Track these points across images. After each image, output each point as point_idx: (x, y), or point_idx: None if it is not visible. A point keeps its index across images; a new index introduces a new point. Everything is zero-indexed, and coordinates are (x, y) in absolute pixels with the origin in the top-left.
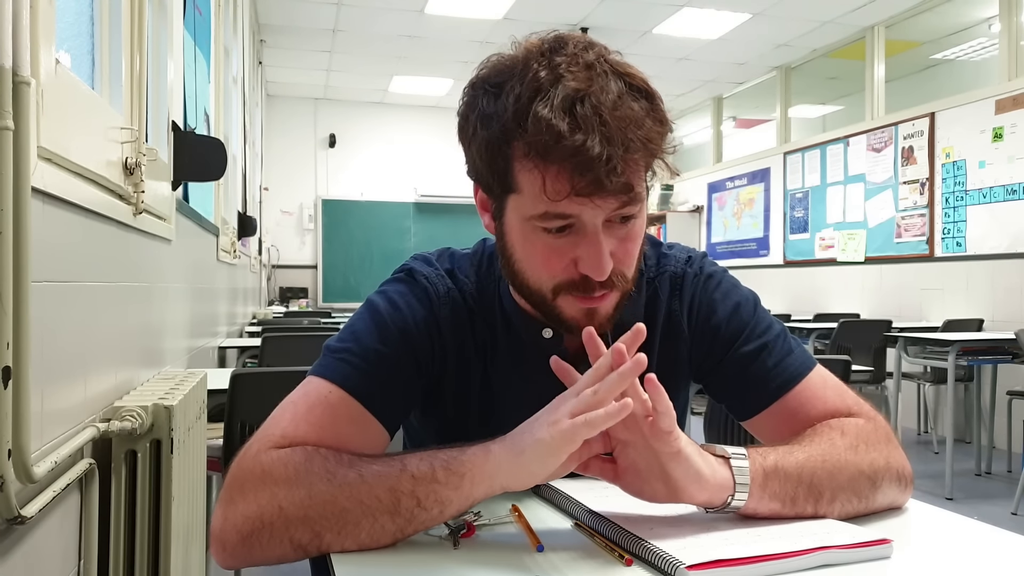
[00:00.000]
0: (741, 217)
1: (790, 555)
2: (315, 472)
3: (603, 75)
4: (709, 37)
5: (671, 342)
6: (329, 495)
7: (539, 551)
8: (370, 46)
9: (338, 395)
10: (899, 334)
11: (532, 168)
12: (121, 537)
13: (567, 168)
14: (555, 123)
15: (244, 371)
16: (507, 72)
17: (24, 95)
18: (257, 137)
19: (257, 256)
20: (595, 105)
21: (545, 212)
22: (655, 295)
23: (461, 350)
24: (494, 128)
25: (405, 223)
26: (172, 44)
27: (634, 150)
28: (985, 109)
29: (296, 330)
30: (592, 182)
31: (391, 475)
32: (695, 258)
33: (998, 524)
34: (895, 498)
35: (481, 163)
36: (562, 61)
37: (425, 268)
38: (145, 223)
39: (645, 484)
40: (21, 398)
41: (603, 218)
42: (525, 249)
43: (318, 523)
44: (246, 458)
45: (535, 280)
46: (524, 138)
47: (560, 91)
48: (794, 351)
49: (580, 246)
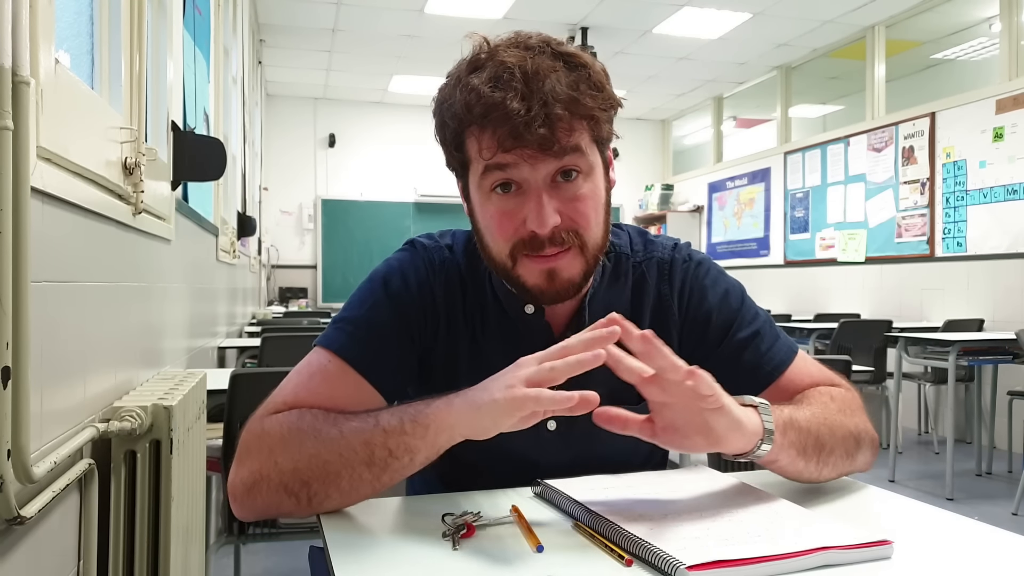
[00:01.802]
0: (741, 217)
1: (790, 555)
2: (304, 430)
3: (540, 54)
4: (709, 37)
5: (661, 324)
6: (314, 450)
7: (539, 551)
8: (370, 46)
9: (336, 364)
10: (899, 334)
11: (473, 138)
12: (121, 537)
13: (491, 124)
14: (480, 87)
15: (244, 371)
16: (461, 65)
17: (24, 95)
18: (257, 137)
19: (256, 256)
20: (521, 73)
21: (484, 169)
22: (643, 278)
23: (452, 317)
24: (446, 111)
25: (405, 223)
26: (172, 44)
27: (553, 106)
28: (985, 109)
29: (296, 330)
30: (511, 134)
31: (366, 429)
32: (681, 246)
33: (998, 524)
34: (868, 460)
35: (444, 148)
36: (503, 44)
37: (427, 240)
38: (145, 223)
39: (685, 439)
40: (21, 398)
41: (543, 176)
42: (484, 217)
43: (305, 473)
44: (253, 422)
45: (496, 249)
46: (463, 110)
47: (491, 65)
48: (780, 336)
49: (526, 205)
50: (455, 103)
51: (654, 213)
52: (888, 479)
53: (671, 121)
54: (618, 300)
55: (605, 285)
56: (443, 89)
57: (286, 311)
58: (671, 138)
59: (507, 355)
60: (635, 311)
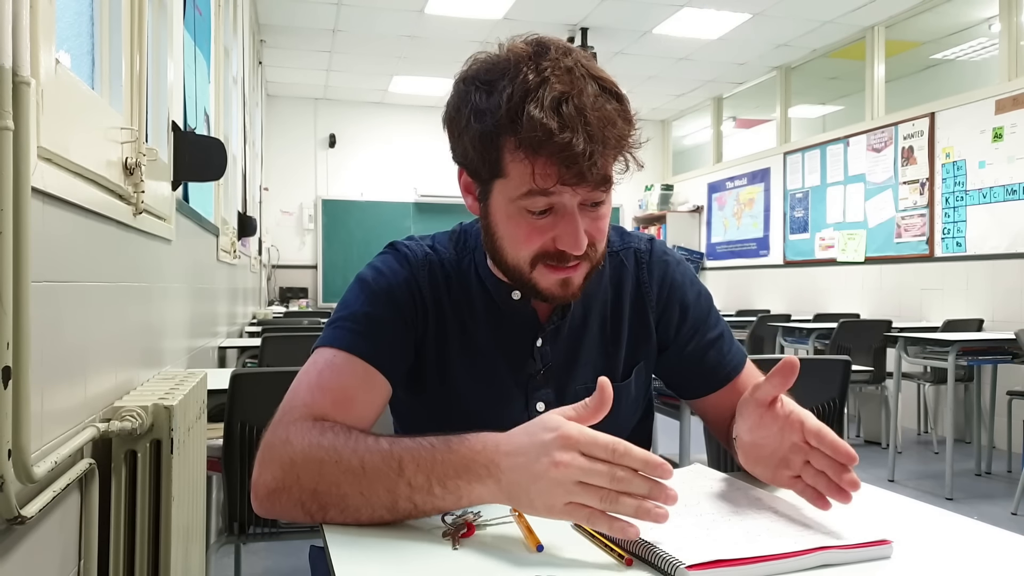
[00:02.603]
0: (741, 217)
1: (790, 555)
2: (325, 449)
3: (581, 78)
4: (709, 37)
5: (639, 310)
6: (334, 479)
7: (539, 551)
8: (370, 46)
9: (342, 357)
10: (899, 334)
11: (523, 159)
12: (121, 537)
13: (555, 161)
14: (546, 122)
15: (244, 371)
16: (497, 72)
17: (24, 95)
18: (257, 137)
19: (257, 256)
20: (578, 106)
21: (529, 192)
22: (621, 265)
23: (439, 306)
24: (487, 122)
25: (405, 223)
26: (172, 44)
27: (610, 147)
28: (985, 109)
29: (296, 330)
30: (576, 174)
31: (389, 477)
32: (657, 241)
33: (998, 524)
34: None
35: (473, 152)
36: (548, 65)
37: (406, 241)
38: (145, 223)
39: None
40: (21, 398)
41: (579, 201)
42: (508, 227)
43: (324, 499)
44: (278, 427)
45: (514, 254)
46: (517, 134)
47: (548, 93)
48: (735, 342)
49: (559, 226)
50: (500, 116)
51: (654, 213)
52: (887, 479)
53: (671, 121)
54: (599, 290)
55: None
56: (474, 91)
57: (286, 311)
58: (671, 138)
59: (495, 338)
60: (615, 297)
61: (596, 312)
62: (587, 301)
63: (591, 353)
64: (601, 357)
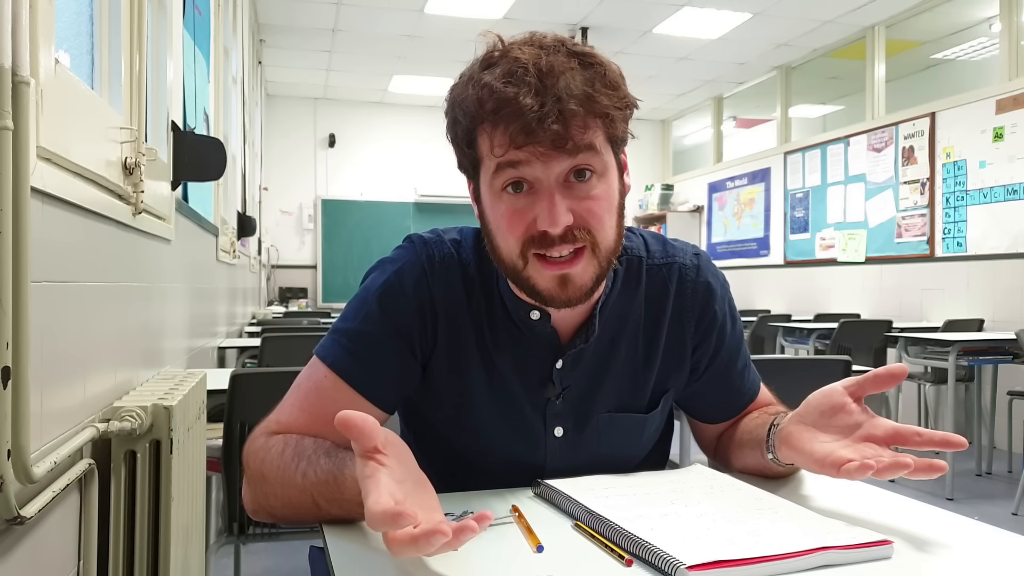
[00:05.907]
0: (741, 217)
1: (790, 555)
2: (283, 467)
3: (555, 52)
4: (709, 37)
5: (679, 333)
6: (286, 498)
7: (539, 551)
8: (370, 46)
9: (332, 380)
10: (899, 334)
11: (485, 135)
12: (121, 537)
13: (503, 120)
14: (492, 83)
15: (244, 371)
16: (472, 62)
17: (24, 95)
18: (256, 137)
19: (256, 256)
20: (535, 69)
21: (496, 168)
22: (662, 285)
23: (454, 315)
24: (457, 110)
25: (405, 223)
26: (172, 44)
27: (567, 103)
28: (985, 109)
29: (296, 330)
30: (523, 130)
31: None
32: (703, 257)
33: (998, 524)
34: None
35: (457, 148)
36: (517, 43)
37: (428, 235)
38: (145, 223)
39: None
40: (21, 398)
41: (556, 175)
42: (494, 216)
43: (289, 511)
44: (257, 439)
45: (505, 247)
46: (475, 107)
47: (504, 62)
48: (753, 369)
49: (537, 204)
50: (467, 100)
51: (654, 213)
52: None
53: (671, 121)
54: (632, 308)
55: (617, 292)
56: (455, 88)
57: (286, 311)
58: (671, 138)
59: (517, 363)
60: (651, 318)
61: (628, 334)
62: (617, 323)
63: (617, 379)
64: (628, 384)
